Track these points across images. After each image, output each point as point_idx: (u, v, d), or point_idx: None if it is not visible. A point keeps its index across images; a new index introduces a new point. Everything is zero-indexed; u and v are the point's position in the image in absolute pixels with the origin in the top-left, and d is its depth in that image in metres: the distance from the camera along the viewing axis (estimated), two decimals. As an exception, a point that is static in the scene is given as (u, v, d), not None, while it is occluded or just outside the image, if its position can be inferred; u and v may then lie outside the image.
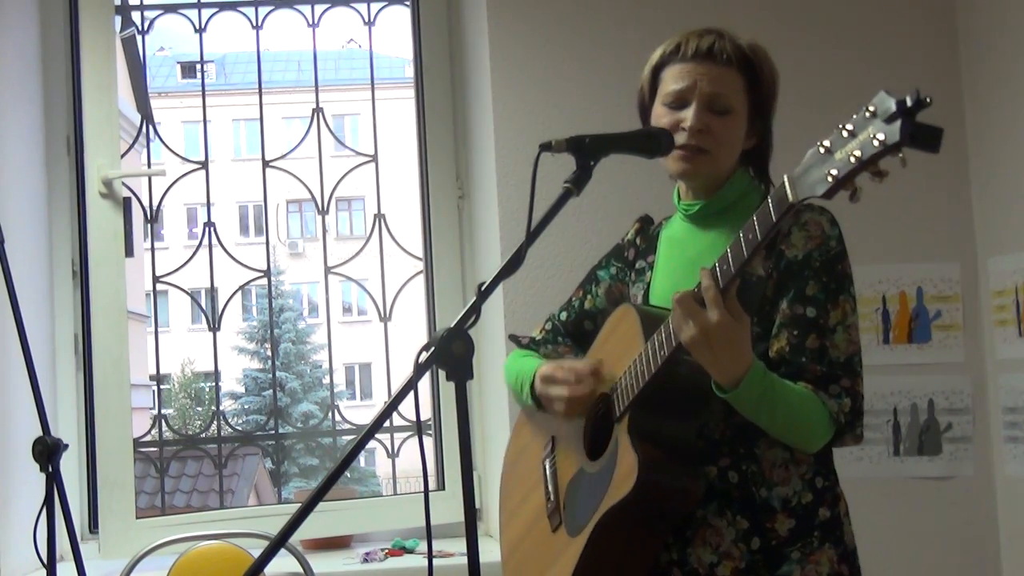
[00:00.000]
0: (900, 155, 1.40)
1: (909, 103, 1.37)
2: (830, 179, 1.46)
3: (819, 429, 1.78)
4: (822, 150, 1.48)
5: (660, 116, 1.92)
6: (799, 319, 1.81)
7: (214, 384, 4.76)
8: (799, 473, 1.84)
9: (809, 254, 1.82)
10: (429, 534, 1.61)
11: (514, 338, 2.24)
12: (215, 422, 3.94)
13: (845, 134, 1.45)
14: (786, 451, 1.83)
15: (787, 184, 1.54)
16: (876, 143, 1.40)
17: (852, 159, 1.43)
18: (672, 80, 1.91)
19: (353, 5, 3.69)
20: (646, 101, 1.98)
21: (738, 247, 1.64)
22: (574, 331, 2.13)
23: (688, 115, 1.88)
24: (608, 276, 2.11)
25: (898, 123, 1.38)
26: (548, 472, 2.02)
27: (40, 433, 2.39)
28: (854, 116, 1.45)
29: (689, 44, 1.91)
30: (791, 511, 1.82)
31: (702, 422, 1.82)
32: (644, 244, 2.08)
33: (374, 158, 3.67)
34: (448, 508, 3.17)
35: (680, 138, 1.88)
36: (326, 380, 19.03)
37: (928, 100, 1.37)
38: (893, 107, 1.38)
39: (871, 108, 1.42)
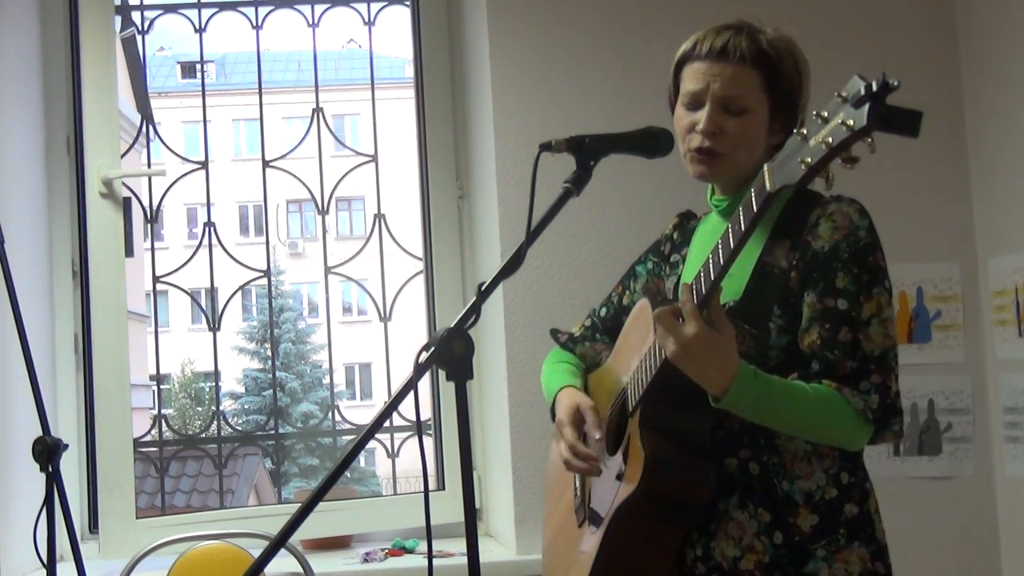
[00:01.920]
0: (869, 140, 1.38)
1: (875, 87, 1.36)
2: (803, 167, 1.45)
3: (847, 427, 1.74)
4: (800, 138, 1.48)
5: (680, 117, 1.92)
6: (830, 312, 1.76)
7: (214, 384, 4.76)
8: (823, 467, 1.80)
9: (836, 245, 1.78)
10: (429, 534, 1.61)
11: (554, 334, 2.23)
12: (215, 422, 3.94)
13: (819, 121, 1.45)
14: (808, 444, 1.80)
15: (766, 173, 1.54)
16: (845, 128, 1.39)
17: (823, 146, 1.42)
18: (688, 81, 1.90)
19: (353, 5, 3.69)
20: (672, 97, 1.97)
21: (724, 246, 1.64)
22: (612, 327, 2.12)
23: (702, 117, 1.86)
24: (646, 271, 2.11)
25: (866, 107, 1.36)
26: None
27: (40, 433, 2.39)
28: (829, 102, 1.44)
29: (704, 42, 1.88)
30: (814, 506, 1.79)
31: (718, 415, 1.79)
32: (680, 239, 2.07)
33: (374, 158, 3.67)
34: (448, 508, 3.17)
35: (694, 141, 1.87)
36: (326, 380, 19.04)
37: (895, 83, 1.35)
38: (862, 91, 1.37)
39: (843, 93, 1.41)
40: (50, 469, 2.38)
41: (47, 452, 2.37)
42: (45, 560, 2.41)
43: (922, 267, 3.25)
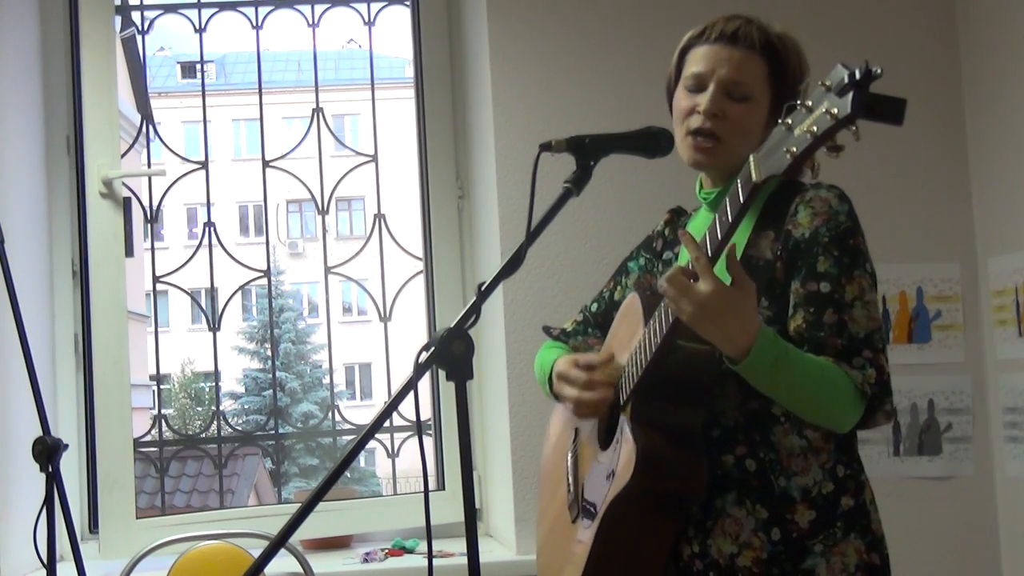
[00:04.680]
0: (853, 128, 1.38)
1: (858, 75, 1.36)
2: (789, 156, 1.45)
3: (846, 401, 1.72)
4: (785, 128, 1.48)
5: (680, 99, 1.91)
6: (813, 296, 1.76)
7: (214, 384, 4.76)
8: (819, 462, 1.80)
9: (816, 231, 1.78)
10: (429, 534, 1.61)
11: (546, 329, 2.23)
12: (215, 422, 3.94)
13: (804, 110, 1.45)
14: (803, 439, 1.79)
15: (752, 163, 1.54)
16: (829, 117, 1.39)
17: (809, 135, 1.42)
18: (693, 63, 1.90)
19: (353, 5, 3.69)
20: (672, 84, 1.96)
21: (711, 238, 1.63)
22: (604, 322, 2.11)
23: (704, 99, 1.86)
24: (638, 267, 2.11)
25: (849, 95, 1.36)
26: (570, 464, 2.03)
27: (40, 433, 2.39)
28: (813, 91, 1.44)
29: (715, 27, 1.89)
30: (811, 502, 1.78)
31: (709, 409, 1.79)
32: (672, 235, 2.07)
33: (374, 158, 3.67)
34: (448, 508, 3.18)
35: (693, 122, 1.87)
36: (326, 380, 19.05)
37: (878, 71, 1.35)
38: (845, 79, 1.37)
39: (827, 82, 1.41)
40: (50, 469, 2.38)
41: (47, 452, 2.37)
42: (45, 560, 2.41)
43: (922, 267, 3.25)
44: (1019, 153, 3.07)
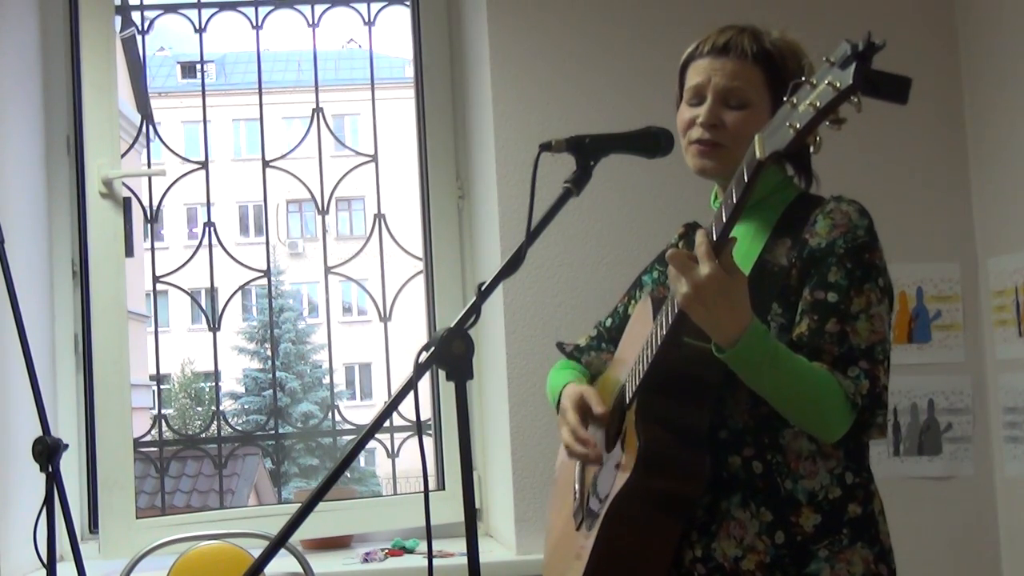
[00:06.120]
0: (855, 100, 1.39)
1: (860, 46, 1.36)
2: (792, 131, 1.46)
3: (834, 410, 1.72)
4: (789, 106, 1.48)
5: (681, 112, 1.93)
6: (819, 304, 1.77)
7: (214, 384, 4.77)
8: (827, 467, 1.79)
9: (833, 242, 1.79)
10: (429, 534, 1.61)
11: (560, 346, 2.24)
12: (215, 422, 3.94)
13: (808, 87, 1.45)
14: (812, 443, 1.79)
15: (756, 142, 1.54)
16: (832, 89, 1.40)
17: (812, 108, 1.43)
18: (691, 77, 1.91)
19: (353, 5, 3.69)
20: (678, 102, 1.98)
21: (716, 223, 1.63)
22: (618, 336, 2.11)
23: (702, 111, 1.87)
24: (651, 280, 2.11)
25: (852, 67, 1.37)
26: (577, 470, 2.03)
27: (40, 433, 2.39)
28: (818, 69, 1.45)
29: (708, 41, 1.91)
30: (817, 506, 1.78)
31: (715, 408, 1.78)
32: (686, 248, 2.07)
33: (374, 158, 3.67)
34: (448, 508, 3.17)
35: (694, 133, 1.88)
36: (326, 380, 19.05)
37: (881, 43, 1.36)
38: (848, 51, 1.38)
39: (831, 58, 1.42)
40: (50, 469, 2.38)
41: (47, 452, 2.37)
42: (45, 560, 2.41)
43: (922, 267, 3.25)
44: (1019, 153, 3.07)
